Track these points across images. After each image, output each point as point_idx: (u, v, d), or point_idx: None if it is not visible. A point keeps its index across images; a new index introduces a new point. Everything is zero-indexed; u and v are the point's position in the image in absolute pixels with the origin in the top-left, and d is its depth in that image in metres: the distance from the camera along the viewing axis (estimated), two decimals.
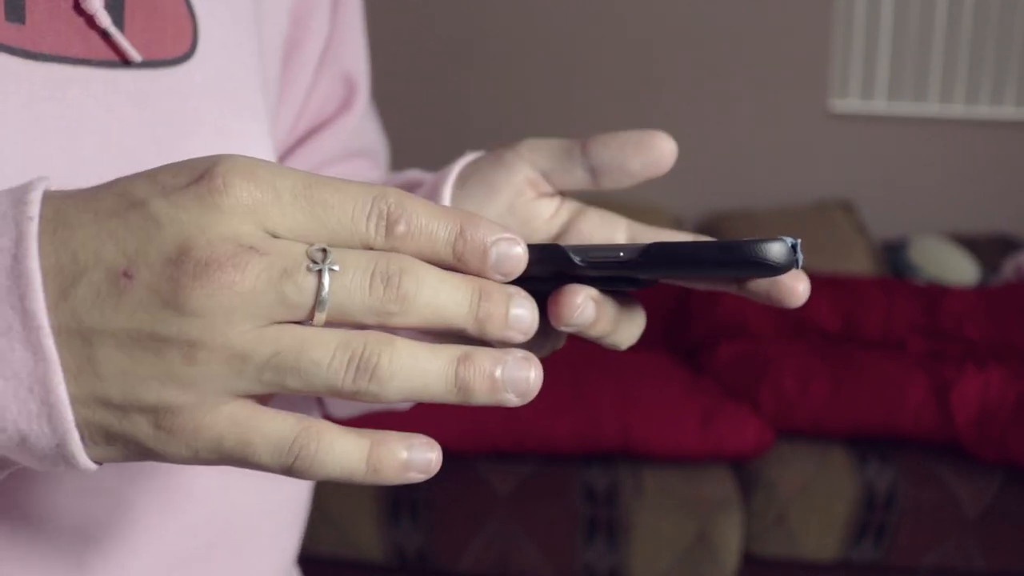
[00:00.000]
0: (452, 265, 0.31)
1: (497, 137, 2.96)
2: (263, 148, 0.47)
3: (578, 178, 0.42)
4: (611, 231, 0.43)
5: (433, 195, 0.44)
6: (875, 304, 2.26)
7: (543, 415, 1.84)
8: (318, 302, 0.28)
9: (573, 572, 1.85)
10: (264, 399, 0.30)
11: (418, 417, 1.78)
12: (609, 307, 0.36)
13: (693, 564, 1.84)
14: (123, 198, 0.28)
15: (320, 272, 0.28)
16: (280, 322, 0.28)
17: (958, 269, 2.60)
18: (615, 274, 0.34)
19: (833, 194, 2.91)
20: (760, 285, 0.36)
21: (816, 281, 2.33)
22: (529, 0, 2.93)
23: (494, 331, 0.31)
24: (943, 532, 1.87)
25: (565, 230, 0.43)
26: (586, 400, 1.88)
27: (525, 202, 0.43)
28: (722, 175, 2.95)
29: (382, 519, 1.84)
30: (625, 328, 0.38)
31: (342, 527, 1.85)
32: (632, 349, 2.20)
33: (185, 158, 0.42)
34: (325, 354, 0.28)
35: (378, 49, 2.89)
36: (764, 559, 1.90)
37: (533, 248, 0.34)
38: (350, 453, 0.29)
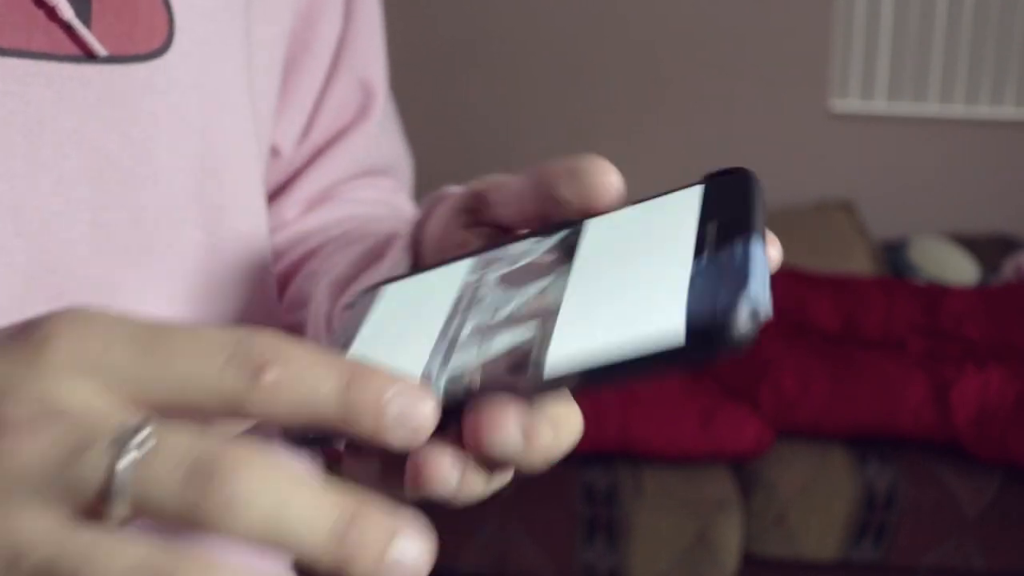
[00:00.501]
0: (338, 428, 0.24)
1: (503, 137, 2.97)
2: (247, 147, 0.45)
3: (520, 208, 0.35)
4: None
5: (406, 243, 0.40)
6: (875, 304, 2.26)
7: None
8: (110, 491, 0.22)
9: (573, 572, 1.86)
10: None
11: None
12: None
13: (693, 564, 1.84)
14: None
15: (120, 451, 0.22)
16: (82, 510, 0.23)
17: (958, 269, 2.60)
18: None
19: (833, 194, 2.91)
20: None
21: (816, 281, 2.33)
22: (534, 2, 2.93)
23: (360, 573, 0.23)
24: (943, 532, 1.87)
25: None
26: (586, 399, 1.87)
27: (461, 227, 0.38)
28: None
29: None
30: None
31: None
32: None
33: (161, 157, 0.40)
34: (117, 569, 0.21)
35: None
36: (764, 559, 1.90)
37: None
38: None
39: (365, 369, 0.24)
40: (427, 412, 0.25)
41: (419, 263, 0.40)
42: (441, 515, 1.84)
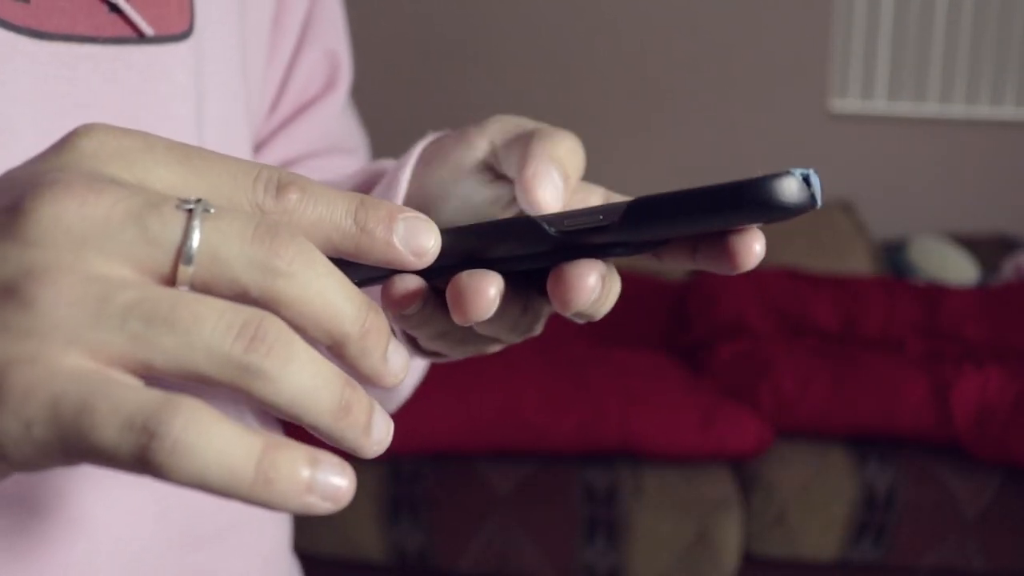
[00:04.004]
0: (352, 246, 0.27)
1: None
2: (243, 130, 0.48)
3: (511, 169, 0.37)
4: (584, 200, 0.38)
5: (394, 178, 0.41)
6: (875, 304, 2.26)
7: (543, 414, 1.84)
8: (185, 246, 0.23)
9: (573, 572, 1.86)
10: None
11: (417, 415, 1.78)
12: (610, 277, 0.32)
13: (693, 564, 1.84)
14: None
15: (191, 212, 0.23)
16: (150, 272, 0.24)
17: (958, 269, 2.60)
18: (597, 242, 0.30)
19: (833, 194, 2.91)
20: (712, 253, 0.32)
21: (816, 281, 2.33)
22: (528, 2, 2.93)
23: (368, 364, 0.26)
24: (942, 532, 1.87)
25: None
26: (586, 400, 1.88)
27: (482, 184, 0.38)
28: (722, 175, 2.95)
29: (382, 519, 1.84)
30: (611, 294, 0.33)
31: (342, 527, 1.85)
32: (632, 349, 2.20)
33: (189, 132, 0.42)
34: (210, 312, 0.23)
35: (376, 49, 2.90)
36: (764, 559, 1.90)
37: (501, 223, 0.31)
38: (232, 449, 0.22)
39: (375, 199, 0.27)
40: (430, 239, 0.27)
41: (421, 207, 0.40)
42: (441, 515, 1.84)
